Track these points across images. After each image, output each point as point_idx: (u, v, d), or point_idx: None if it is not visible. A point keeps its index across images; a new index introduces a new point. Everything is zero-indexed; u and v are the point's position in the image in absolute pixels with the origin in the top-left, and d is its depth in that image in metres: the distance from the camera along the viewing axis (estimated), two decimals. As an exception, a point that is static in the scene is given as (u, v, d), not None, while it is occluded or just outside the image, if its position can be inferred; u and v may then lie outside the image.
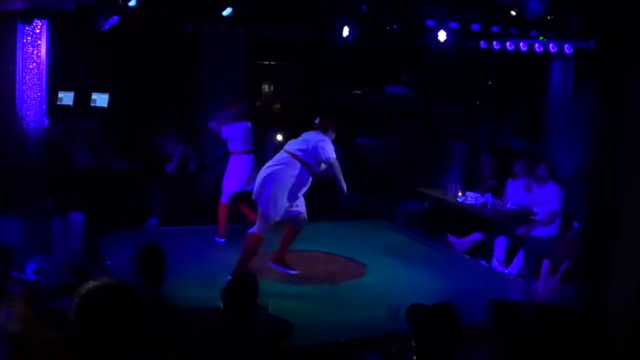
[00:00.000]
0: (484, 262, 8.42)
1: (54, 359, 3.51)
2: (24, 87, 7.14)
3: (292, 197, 7.22)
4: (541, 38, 9.19)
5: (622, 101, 5.81)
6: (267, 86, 12.57)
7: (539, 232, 8.15)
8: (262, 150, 10.13)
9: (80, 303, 2.24)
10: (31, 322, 3.97)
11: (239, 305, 3.94)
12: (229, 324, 3.92)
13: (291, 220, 7.42)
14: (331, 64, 11.44)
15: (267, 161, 8.82)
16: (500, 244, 8.47)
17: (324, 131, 7.42)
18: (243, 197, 8.64)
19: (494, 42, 9.59)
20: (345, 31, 9.49)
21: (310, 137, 7.36)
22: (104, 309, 2.23)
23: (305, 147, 7.25)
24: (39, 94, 7.25)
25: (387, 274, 7.77)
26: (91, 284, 2.31)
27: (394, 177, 10.62)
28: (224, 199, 8.80)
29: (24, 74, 7.12)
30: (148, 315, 3.38)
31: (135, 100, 10.66)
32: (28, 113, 7.22)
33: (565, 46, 9.00)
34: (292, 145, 7.35)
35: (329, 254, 8.49)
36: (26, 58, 7.12)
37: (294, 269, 7.57)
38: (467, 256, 8.58)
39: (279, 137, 9.91)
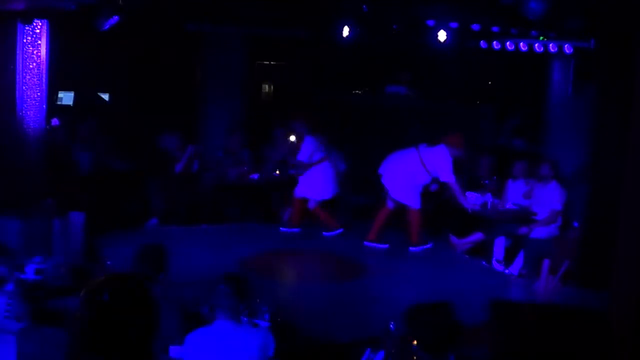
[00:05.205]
0: (484, 262, 8.42)
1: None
2: (24, 87, 7.13)
3: None
4: (541, 38, 9.19)
5: (622, 101, 5.82)
6: (267, 86, 12.57)
7: (539, 232, 8.14)
8: (274, 150, 10.10)
9: (88, 297, 2.18)
10: None
11: None
12: None
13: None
14: (331, 64, 11.44)
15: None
16: (500, 244, 8.46)
17: None
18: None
19: (494, 42, 9.59)
20: (345, 31, 9.49)
21: None
22: (116, 301, 2.16)
23: None
24: (39, 94, 7.24)
25: (387, 274, 7.76)
26: (99, 278, 2.25)
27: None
28: (312, 205, 9.17)
29: (24, 74, 7.11)
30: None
31: (135, 100, 10.67)
32: (28, 113, 7.22)
33: (565, 46, 9.00)
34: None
35: (329, 254, 8.49)
36: (26, 58, 7.11)
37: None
38: (467, 256, 8.58)
39: (292, 138, 9.79)
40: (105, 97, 10.98)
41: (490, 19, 9.12)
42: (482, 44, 9.74)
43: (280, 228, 9.22)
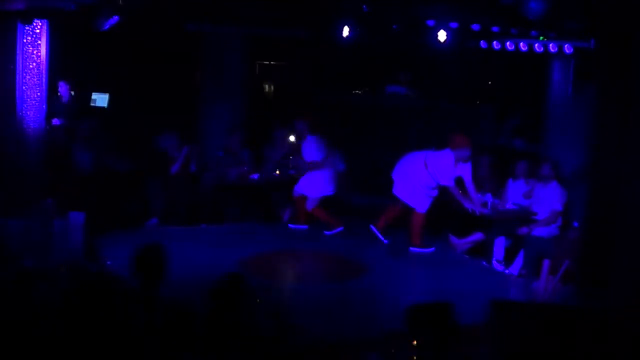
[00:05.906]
0: (484, 262, 8.42)
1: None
2: (24, 87, 7.14)
3: None
4: (541, 38, 9.19)
5: (622, 101, 5.82)
6: (267, 86, 12.58)
7: (539, 232, 8.15)
8: (274, 150, 10.10)
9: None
10: None
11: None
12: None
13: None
14: (331, 64, 11.44)
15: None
16: (500, 244, 8.46)
17: None
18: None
19: (494, 42, 9.59)
20: (345, 31, 9.50)
21: None
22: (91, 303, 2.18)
23: None
24: (39, 94, 7.25)
25: (387, 274, 7.77)
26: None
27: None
28: (310, 204, 9.23)
29: (24, 74, 7.11)
30: (145, 316, 3.36)
31: (135, 100, 10.67)
32: (28, 113, 7.22)
33: (565, 46, 9.00)
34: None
35: (329, 254, 8.49)
36: (26, 58, 7.12)
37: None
38: (467, 256, 8.58)
39: (292, 138, 9.80)
40: (105, 97, 10.95)
41: (490, 19, 9.13)
42: (482, 44, 9.74)
43: (289, 224, 9.40)
